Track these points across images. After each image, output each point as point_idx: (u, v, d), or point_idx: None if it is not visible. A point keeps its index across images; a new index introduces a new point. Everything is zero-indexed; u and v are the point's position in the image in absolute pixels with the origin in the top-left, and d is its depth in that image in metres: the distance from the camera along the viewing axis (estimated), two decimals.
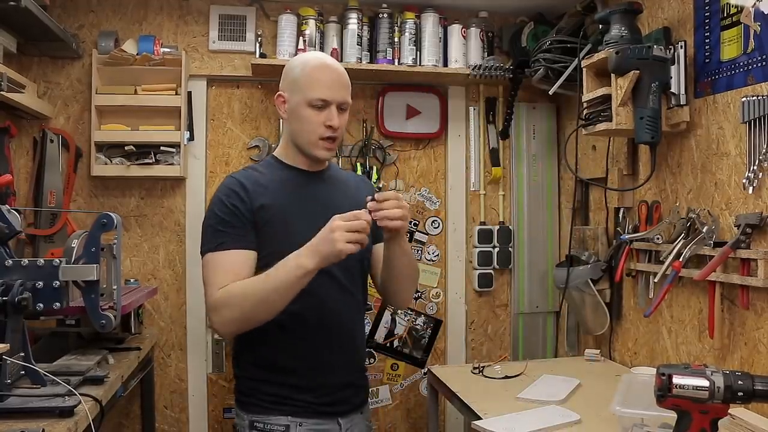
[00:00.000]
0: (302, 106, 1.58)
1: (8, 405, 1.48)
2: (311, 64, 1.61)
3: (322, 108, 1.57)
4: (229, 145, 2.76)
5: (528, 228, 2.98)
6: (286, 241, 1.50)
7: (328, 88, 1.58)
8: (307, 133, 1.59)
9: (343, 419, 1.61)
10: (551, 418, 1.76)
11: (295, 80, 1.60)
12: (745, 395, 1.23)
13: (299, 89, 1.59)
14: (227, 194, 1.58)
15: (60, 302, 1.62)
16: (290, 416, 1.55)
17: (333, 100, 1.58)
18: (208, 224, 1.58)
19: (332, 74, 1.60)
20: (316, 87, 1.57)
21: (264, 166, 1.69)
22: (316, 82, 1.58)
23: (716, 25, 1.95)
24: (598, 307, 2.49)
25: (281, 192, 1.61)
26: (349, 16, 2.67)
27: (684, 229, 2.00)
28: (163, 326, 2.68)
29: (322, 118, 1.57)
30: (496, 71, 2.73)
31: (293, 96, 1.60)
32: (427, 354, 2.91)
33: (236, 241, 1.54)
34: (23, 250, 2.45)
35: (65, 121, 2.60)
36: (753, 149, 1.78)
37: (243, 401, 1.61)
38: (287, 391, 1.57)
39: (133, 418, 2.64)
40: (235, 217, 1.55)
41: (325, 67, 1.61)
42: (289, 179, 1.64)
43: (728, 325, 1.91)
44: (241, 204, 1.56)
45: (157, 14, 2.67)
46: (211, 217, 1.58)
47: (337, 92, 1.59)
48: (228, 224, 1.54)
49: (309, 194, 1.64)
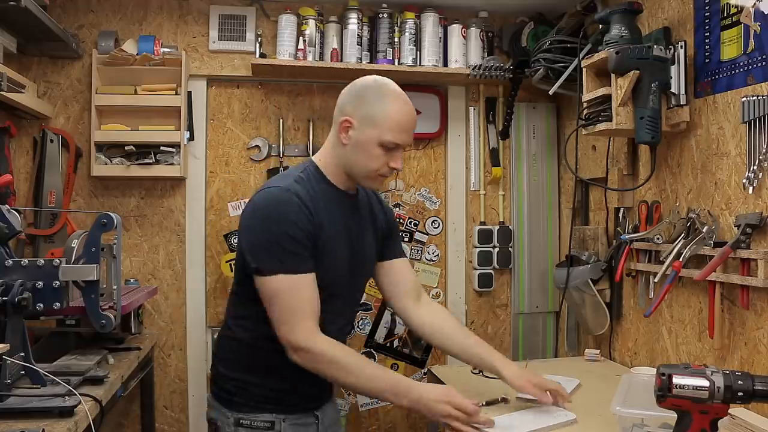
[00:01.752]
0: (373, 144, 1.56)
1: (8, 405, 1.48)
2: (393, 105, 1.57)
3: (392, 150, 1.57)
4: (229, 145, 2.76)
5: (528, 228, 2.99)
6: (331, 268, 1.56)
7: (405, 131, 1.58)
8: (369, 169, 1.58)
9: (318, 411, 1.68)
10: (549, 417, 1.76)
11: (372, 114, 1.56)
12: (745, 395, 1.23)
13: (375, 125, 1.55)
14: (295, 212, 1.50)
15: (60, 302, 1.62)
16: (275, 413, 1.59)
17: (404, 143, 1.59)
18: (275, 240, 1.49)
19: (410, 118, 1.59)
20: (395, 130, 1.55)
21: (310, 179, 1.61)
22: (396, 124, 1.56)
23: (716, 25, 1.95)
24: (598, 307, 2.49)
25: (332, 216, 1.59)
26: (349, 16, 2.67)
27: (684, 229, 2.00)
28: (163, 326, 2.68)
29: (388, 158, 1.58)
30: (496, 71, 2.73)
31: (365, 128, 1.56)
32: (427, 354, 2.91)
33: (307, 264, 1.52)
34: (23, 250, 2.45)
35: (65, 121, 2.60)
36: (753, 149, 1.78)
37: (227, 399, 1.61)
38: (274, 393, 1.60)
39: (133, 418, 2.64)
40: (305, 240, 1.51)
41: (406, 111, 1.59)
42: (336, 202, 1.62)
43: (728, 325, 1.91)
44: (310, 226, 1.52)
45: (157, 14, 2.67)
46: (279, 234, 1.49)
47: (408, 135, 1.60)
48: (301, 246, 1.50)
49: (349, 221, 1.65)
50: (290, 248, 1.49)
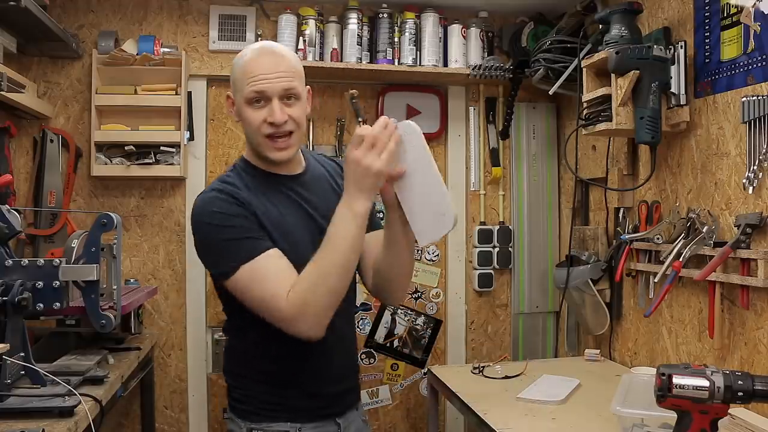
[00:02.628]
0: (243, 106, 1.42)
1: (8, 405, 1.48)
2: (246, 57, 1.43)
3: (263, 104, 1.40)
4: (229, 145, 2.76)
5: (528, 228, 2.98)
6: (290, 254, 1.40)
7: (264, 78, 1.39)
8: (252, 134, 1.44)
9: (340, 419, 1.57)
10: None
11: (234, 77, 1.44)
12: (745, 395, 1.23)
13: (237, 87, 1.43)
14: (226, 203, 1.40)
15: (60, 302, 1.62)
16: (289, 422, 1.50)
17: (271, 91, 1.39)
18: (221, 238, 1.38)
19: (267, 62, 1.41)
20: (250, 81, 1.39)
21: (240, 174, 1.50)
22: (250, 75, 1.39)
23: (716, 25, 1.95)
24: (598, 307, 2.49)
25: (273, 203, 1.46)
26: (349, 16, 2.67)
27: (684, 229, 2.00)
28: (163, 326, 2.68)
29: (263, 114, 1.40)
30: (496, 71, 2.73)
31: (236, 95, 1.44)
32: (427, 354, 2.91)
33: (265, 241, 1.38)
34: (23, 250, 2.45)
35: (65, 121, 2.60)
36: (753, 149, 1.78)
37: (239, 408, 1.54)
38: (285, 399, 1.51)
39: (133, 418, 2.64)
40: (250, 222, 1.39)
41: (260, 56, 1.42)
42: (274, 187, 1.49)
43: (728, 325, 1.91)
44: (246, 212, 1.40)
45: (157, 14, 2.67)
46: (219, 230, 1.38)
47: (275, 82, 1.39)
48: (247, 229, 1.38)
49: (300, 202, 1.50)
50: (236, 236, 1.37)
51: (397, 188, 1.38)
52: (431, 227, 1.36)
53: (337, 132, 2.82)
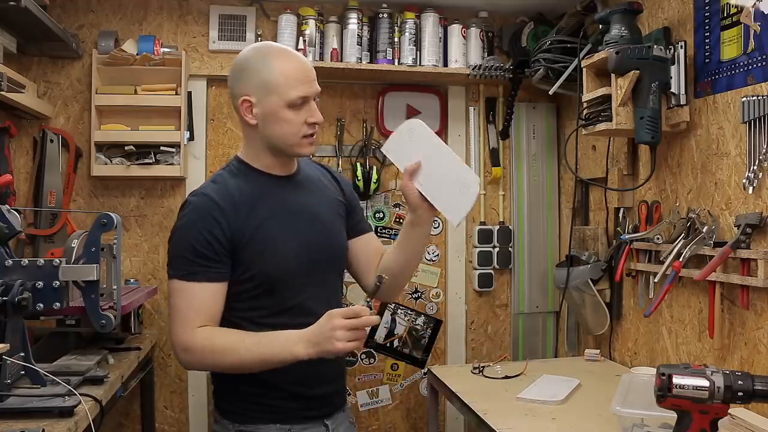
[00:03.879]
0: (281, 109, 1.46)
1: (8, 405, 1.47)
2: (280, 62, 1.47)
3: (302, 106, 1.47)
4: (229, 145, 2.76)
5: (528, 228, 2.99)
6: (273, 260, 1.46)
7: (304, 83, 1.46)
8: (290, 135, 1.48)
9: (328, 420, 1.58)
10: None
11: (265, 81, 1.46)
12: (745, 395, 1.23)
13: (273, 90, 1.45)
14: (202, 218, 1.44)
15: (60, 302, 1.62)
16: (279, 423, 1.51)
17: (311, 94, 1.48)
18: (179, 249, 1.45)
19: (303, 66, 1.48)
20: (294, 85, 1.45)
21: (234, 174, 1.53)
22: (293, 79, 1.45)
23: (716, 25, 1.95)
24: (598, 307, 2.49)
25: (261, 207, 1.49)
26: (349, 16, 2.67)
27: (684, 229, 2.00)
28: (163, 326, 2.68)
29: (303, 116, 1.47)
30: (496, 71, 2.73)
31: (266, 98, 1.46)
32: (427, 354, 2.91)
33: (208, 273, 1.43)
34: (23, 250, 2.45)
35: (65, 121, 2.60)
36: (753, 149, 1.78)
37: (227, 409, 1.54)
38: (274, 401, 1.52)
39: (133, 418, 2.64)
40: (210, 248, 1.43)
41: (295, 62, 1.48)
42: (266, 190, 1.52)
43: (728, 325, 1.91)
44: (218, 230, 1.43)
45: (157, 14, 2.67)
46: (182, 242, 1.45)
47: (312, 85, 1.48)
48: (201, 255, 1.43)
49: (289, 205, 1.53)
50: (189, 256, 1.43)
51: (418, 183, 1.46)
52: (459, 202, 1.45)
53: (337, 132, 2.82)
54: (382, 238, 2.83)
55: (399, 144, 1.52)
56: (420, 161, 1.46)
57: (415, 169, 1.46)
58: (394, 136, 1.53)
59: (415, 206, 1.51)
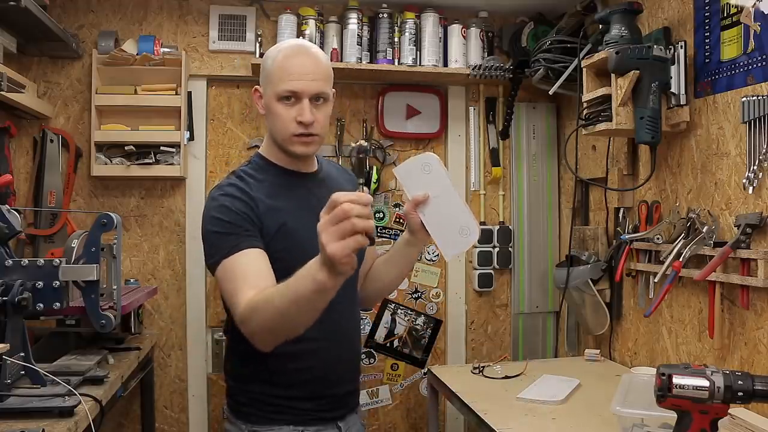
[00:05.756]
0: (273, 101, 1.46)
1: (8, 405, 1.48)
2: (283, 53, 1.47)
3: (294, 102, 1.45)
4: (229, 145, 2.76)
5: (528, 228, 2.98)
6: (296, 257, 1.33)
7: (299, 78, 1.43)
8: (281, 130, 1.48)
9: (341, 422, 1.58)
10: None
11: (267, 72, 1.48)
12: (745, 395, 1.23)
13: (269, 81, 1.47)
14: (231, 197, 1.44)
15: (60, 302, 1.62)
16: (292, 425, 1.50)
17: (304, 92, 1.44)
18: (212, 231, 1.43)
19: (304, 62, 1.45)
20: (285, 78, 1.44)
21: (254, 169, 1.54)
22: (285, 72, 1.44)
23: (716, 25, 1.95)
24: (598, 307, 2.49)
25: (285, 200, 1.49)
26: (349, 16, 2.67)
27: (684, 229, 2.00)
28: (163, 326, 2.68)
29: (294, 113, 1.45)
30: (496, 71, 2.73)
31: (266, 89, 1.49)
32: (427, 354, 2.91)
33: (248, 240, 1.39)
34: (23, 250, 2.45)
35: (65, 121, 2.60)
36: (753, 149, 1.78)
37: (240, 411, 1.54)
38: (288, 401, 1.51)
39: (133, 418, 2.64)
40: (244, 220, 1.41)
41: (297, 55, 1.46)
42: (288, 184, 1.53)
43: (728, 325, 1.91)
44: (248, 209, 1.43)
45: (157, 14, 2.67)
46: (214, 222, 1.42)
47: (309, 83, 1.44)
48: (238, 226, 1.40)
49: (312, 200, 1.48)
50: (226, 230, 1.40)
51: (421, 212, 1.50)
52: (457, 242, 1.49)
53: (337, 132, 2.81)
54: (382, 238, 2.83)
55: (412, 173, 1.54)
56: (429, 195, 1.49)
57: (422, 201, 1.48)
58: (409, 162, 1.55)
59: (414, 231, 1.53)
